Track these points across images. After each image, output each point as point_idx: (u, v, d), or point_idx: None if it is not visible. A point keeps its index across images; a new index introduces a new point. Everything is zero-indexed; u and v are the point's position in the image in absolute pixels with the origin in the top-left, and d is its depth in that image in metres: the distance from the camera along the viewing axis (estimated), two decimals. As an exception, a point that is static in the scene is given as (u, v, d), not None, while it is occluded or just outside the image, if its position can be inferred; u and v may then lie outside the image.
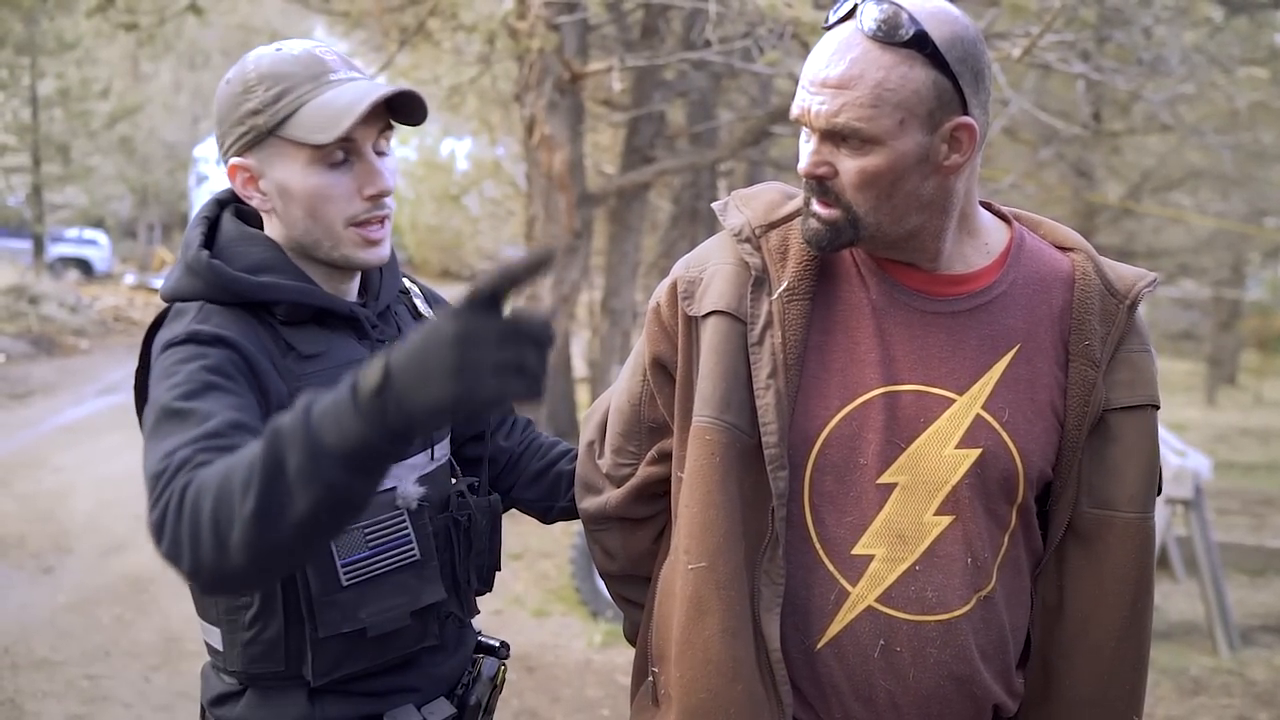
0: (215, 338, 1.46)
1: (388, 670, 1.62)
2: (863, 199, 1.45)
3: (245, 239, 1.60)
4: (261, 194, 1.58)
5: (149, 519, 1.27)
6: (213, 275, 1.53)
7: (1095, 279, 1.55)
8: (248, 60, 1.57)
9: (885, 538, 1.50)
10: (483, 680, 1.73)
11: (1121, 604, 1.55)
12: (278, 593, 1.53)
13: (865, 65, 1.40)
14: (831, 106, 1.41)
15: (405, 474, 1.62)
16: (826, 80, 1.41)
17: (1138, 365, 1.55)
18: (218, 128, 1.59)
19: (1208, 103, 10.98)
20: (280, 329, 1.55)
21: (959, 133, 1.43)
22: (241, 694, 1.59)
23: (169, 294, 1.58)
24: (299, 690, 1.57)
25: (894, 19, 1.39)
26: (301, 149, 1.53)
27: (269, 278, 1.55)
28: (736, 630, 1.49)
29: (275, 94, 1.53)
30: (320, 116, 1.52)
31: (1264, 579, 7.63)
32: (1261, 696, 5.46)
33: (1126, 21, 7.08)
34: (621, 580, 1.77)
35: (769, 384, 1.49)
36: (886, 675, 1.50)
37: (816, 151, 1.45)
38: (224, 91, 1.57)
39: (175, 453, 1.29)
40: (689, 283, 1.58)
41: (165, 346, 1.47)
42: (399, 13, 9.75)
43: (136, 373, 1.58)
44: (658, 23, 8.46)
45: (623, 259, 8.68)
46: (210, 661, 1.65)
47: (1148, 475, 1.55)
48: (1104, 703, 1.57)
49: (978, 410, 1.50)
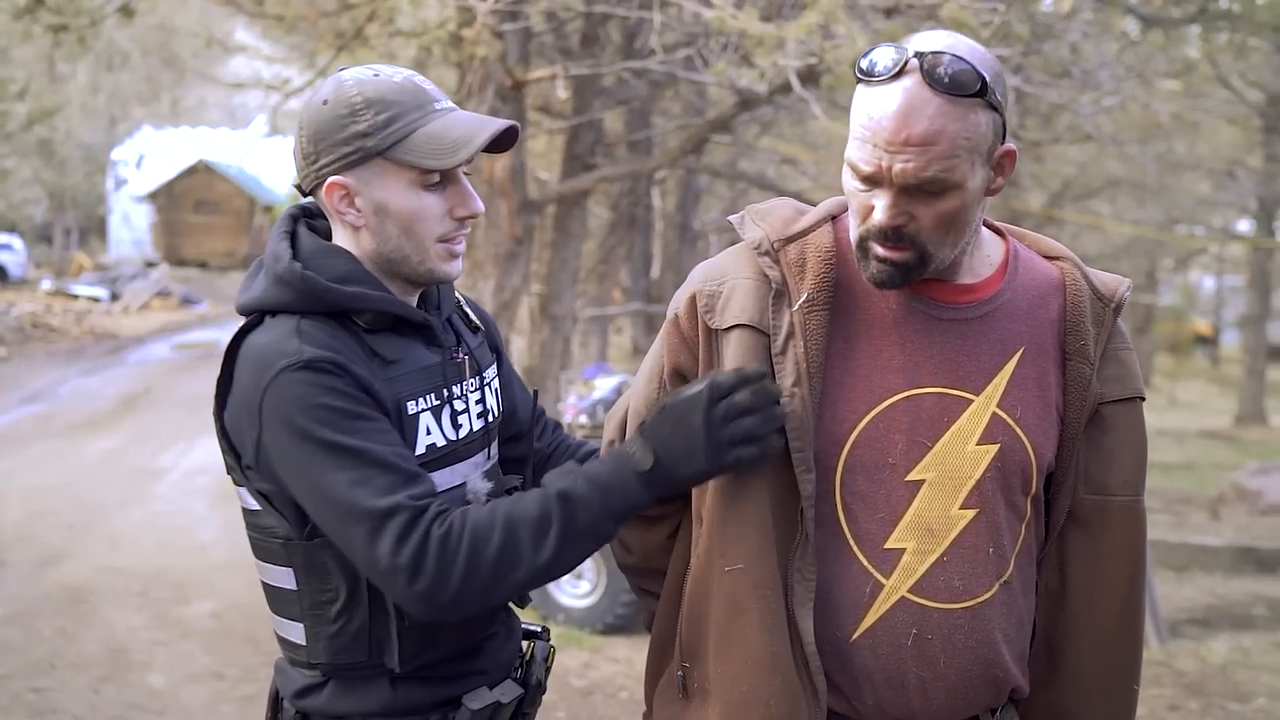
0: (334, 364, 1.56)
1: (460, 656, 1.72)
2: (939, 238, 1.53)
3: (326, 252, 1.68)
4: (356, 210, 1.65)
5: (394, 558, 1.50)
6: (307, 286, 1.61)
7: (1084, 285, 1.67)
8: (345, 82, 1.64)
9: (915, 531, 1.59)
10: (538, 661, 1.85)
11: (1121, 581, 1.67)
12: (364, 587, 1.62)
13: (944, 121, 1.46)
14: (918, 163, 1.47)
15: (471, 471, 1.74)
16: (910, 139, 1.46)
17: (1125, 362, 1.68)
18: (311, 145, 1.64)
19: (1126, 114, 11.35)
20: (364, 336, 1.64)
21: (1004, 159, 1.55)
22: (324, 685, 1.68)
23: (255, 304, 1.65)
24: (381, 678, 1.66)
25: (963, 74, 1.45)
26: (406, 172, 1.63)
27: (356, 288, 1.64)
28: (774, 627, 1.58)
29: (386, 119, 1.61)
30: (435, 144, 1.63)
31: (1188, 574, 7.91)
32: (1190, 686, 5.69)
33: (1055, 36, 7.32)
34: (638, 572, 1.85)
35: (794, 392, 1.57)
36: (918, 662, 1.59)
37: (894, 204, 1.50)
38: (323, 112, 1.63)
39: (393, 494, 1.52)
40: (709, 296, 1.65)
41: (283, 370, 1.55)
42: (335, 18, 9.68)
43: (218, 381, 1.66)
44: (598, 31, 8.52)
45: (563, 265, 8.71)
46: (287, 657, 1.73)
47: (1138, 461, 1.68)
48: (1108, 675, 1.69)
49: (994, 409, 1.60)
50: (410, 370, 1.67)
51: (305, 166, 1.65)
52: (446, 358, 1.73)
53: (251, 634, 5.71)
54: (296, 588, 1.66)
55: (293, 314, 1.61)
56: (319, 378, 1.55)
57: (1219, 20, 10.42)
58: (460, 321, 1.83)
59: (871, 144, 1.49)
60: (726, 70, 6.27)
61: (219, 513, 8.17)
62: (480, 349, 1.83)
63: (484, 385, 1.81)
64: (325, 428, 1.53)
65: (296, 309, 1.61)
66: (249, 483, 1.66)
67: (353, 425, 1.55)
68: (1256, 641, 6.49)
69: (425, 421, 1.68)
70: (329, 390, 1.55)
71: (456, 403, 1.73)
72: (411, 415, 1.66)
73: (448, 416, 1.71)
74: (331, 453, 1.53)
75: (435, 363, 1.71)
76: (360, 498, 1.51)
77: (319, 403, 1.54)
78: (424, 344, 1.71)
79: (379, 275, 1.68)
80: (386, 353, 1.65)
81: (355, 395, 1.57)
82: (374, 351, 1.64)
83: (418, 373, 1.68)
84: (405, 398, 1.65)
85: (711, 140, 8.97)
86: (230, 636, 5.69)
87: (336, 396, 1.55)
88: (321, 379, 1.55)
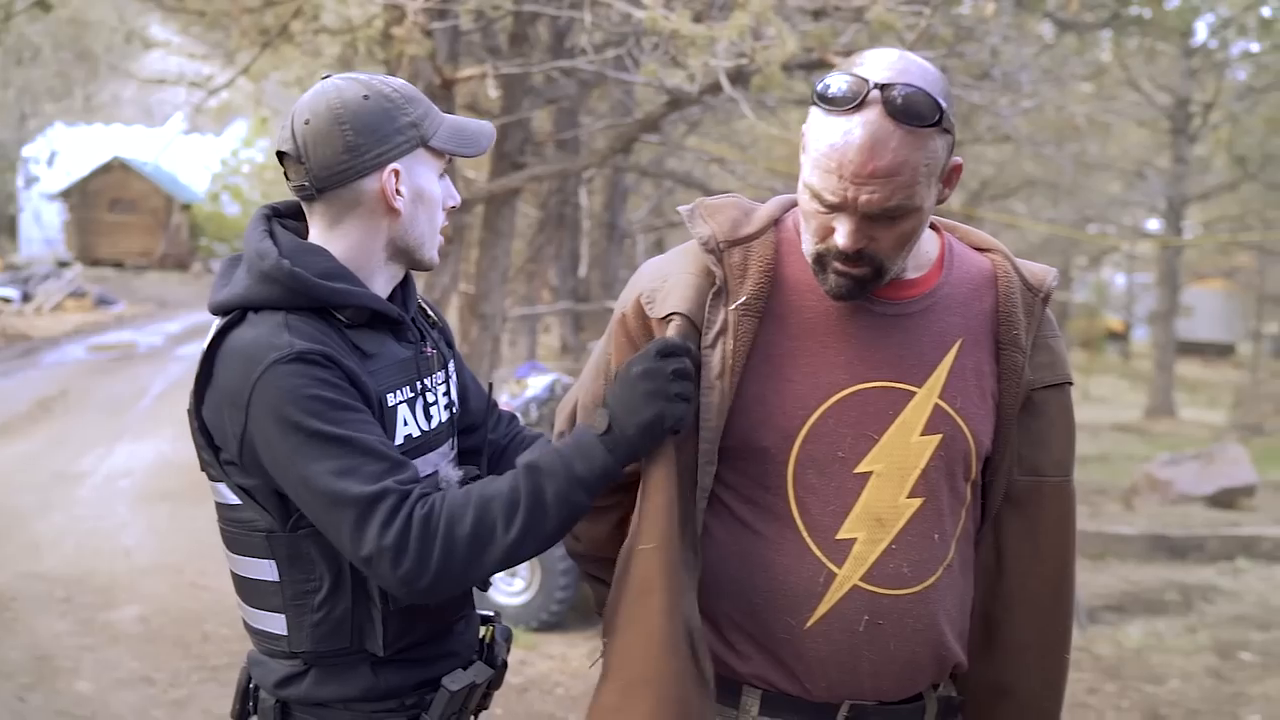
0: (324, 356, 1.60)
1: (434, 639, 1.77)
2: (896, 255, 1.61)
3: (307, 250, 1.71)
4: (401, 197, 1.72)
5: (379, 541, 1.52)
6: (295, 282, 1.64)
7: (1015, 277, 1.75)
8: (374, 82, 1.71)
9: (865, 522, 1.65)
10: (499, 643, 1.89)
11: (1054, 557, 1.77)
12: (347, 576, 1.66)
13: (906, 152, 1.51)
14: (883, 194, 1.52)
15: (440, 460, 1.79)
16: (875, 172, 1.51)
17: (1054, 349, 1.77)
18: (359, 136, 1.67)
19: (1042, 115, 11.63)
20: (346, 331, 1.68)
21: (953, 172, 1.62)
22: (305, 673, 1.71)
23: (238, 301, 1.67)
24: (363, 664, 1.71)
25: (924, 105, 1.50)
26: (437, 161, 1.77)
27: (341, 284, 1.68)
28: (677, 608, 1.63)
29: (423, 111, 1.74)
30: (460, 135, 1.78)
31: (1104, 562, 8.15)
32: (1108, 670, 5.89)
33: (976, 39, 7.49)
34: (587, 560, 1.91)
35: (715, 384, 1.64)
36: (870, 647, 1.66)
37: (857, 230, 1.56)
38: (366, 105, 1.69)
39: (381, 481, 1.56)
40: (652, 292, 1.71)
41: (274, 362, 1.58)
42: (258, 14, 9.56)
43: (197, 378, 1.67)
44: (527, 30, 8.52)
45: (493, 264, 8.68)
46: (264, 648, 1.75)
47: (1068, 443, 1.77)
48: (1043, 646, 1.79)
49: (936, 400, 1.67)
50: (388, 364, 1.72)
51: (348, 159, 1.68)
52: (417, 351, 1.79)
53: (180, 638, 5.64)
54: (278, 579, 1.68)
55: (278, 310, 1.64)
56: (309, 369, 1.58)
57: (1130, 25, 10.73)
58: (423, 319, 1.88)
59: (836, 175, 1.53)
60: (657, 70, 6.32)
61: (142, 516, 8.03)
62: (441, 343, 1.88)
63: (448, 378, 1.87)
64: (314, 418, 1.57)
65: (282, 305, 1.64)
66: (228, 478, 1.68)
67: (341, 415, 1.59)
68: (1169, 626, 6.72)
69: (403, 413, 1.73)
70: (319, 381, 1.58)
71: (428, 394, 1.79)
72: (391, 407, 1.71)
73: (420, 408, 1.77)
74: (320, 442, 1.57)
75: (409, 356, 1.77)
76: (348, 485, 1.55)
77: (309, 393, 1.57)
78: (395, 339, 1.76)
79: (374, 267, 1.74)
80: (366, 347, 1.70)
81: (343, 387, 1.61)
82: (355, 345, 1.68)
83: (394, 366, 1.73)
84: (385, 390, 1.70)
85: (640, 140, 9.01)
86: (158, 641, 5.61)
87: (326, 388, 1.59)
88: (312, 370, 1.59)
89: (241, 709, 1.78)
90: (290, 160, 1.70)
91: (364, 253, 1.74)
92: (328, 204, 1.71)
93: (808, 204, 1.60)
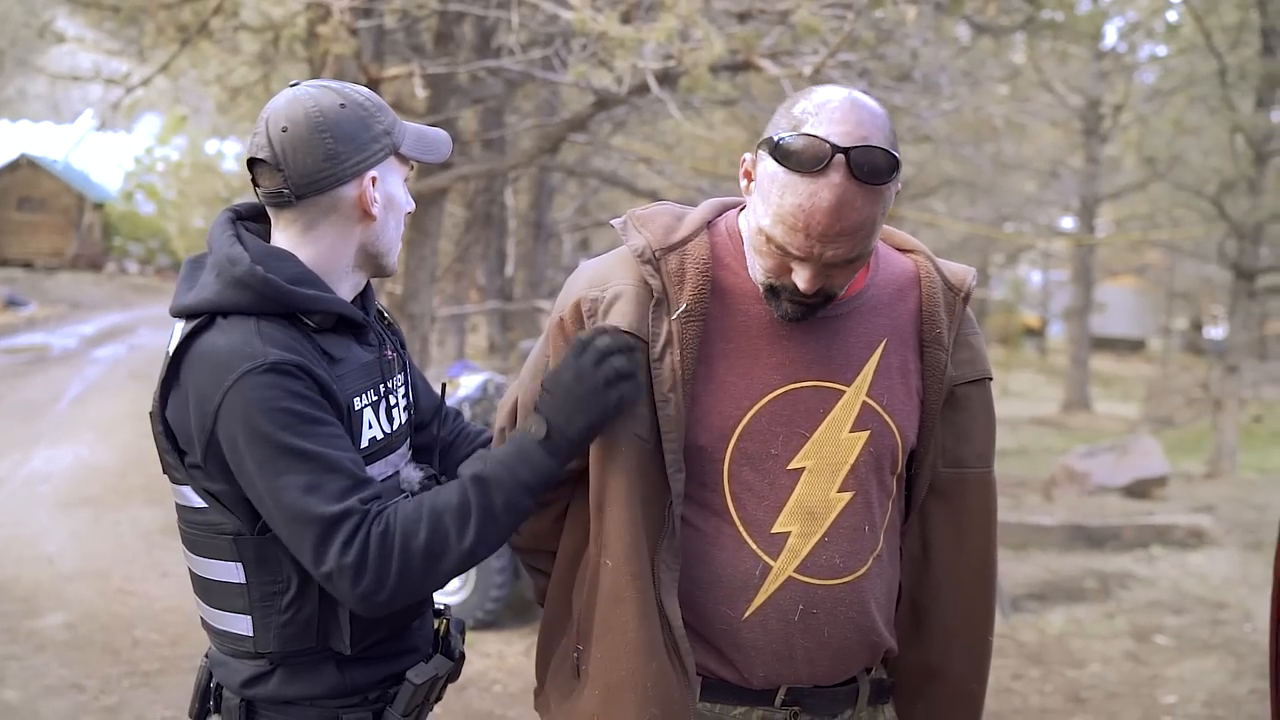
0: (297, 367, 1.61)
1: (395, 635, 1.79)
2: (846, 284, 1.68)
3: (275, 255, 1.72)
4: (375, 203, 1.74)
5: (340, 559, 1.55)
6: (268, 289, 1.64)
7: (937, 277, 1.82)
8: (345, 90, 1.73)
9: (799, 515, 1.72)
10: (454, 634, 1.93)
11: (977, 544, 1.85)
12: (312, 578, 1.66)
13: (870, 208, 1.57)
14: (847, 248, 1.59)
15: (399, 461, 1.81)
16: (842, 231, 1.57)
17: (974, 346, 1.85)
18: (338, 144, 1.69)
19: (960, 116, 11.88)
20: (313, 336, 1.69)
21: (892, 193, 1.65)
22: (272, 673, 1.72)
23: (207, 306, 1.66)
24: (328, 663, 1.73)
25: (882, 164, 1.55)
26: (404, 168, 1.77)
27: (311, 290, 1.69)
28: (649, 614, 1.69)
29: (391, 119, 1.77)
30: (424, 143, 1.81)
31: (1025, 552, 8.36)
32: (1032, 656, 6.06)
33: (896, 42, 7.64)
34: (528, 553, 1.96)
35: (669, 398, 1.69)
36: (805, 635, 1.73)
37: (817, 275, 1.62)
38: (345, 114, 1.71)
39: (345, 500, 1.59)
40: (593, 301, 1.74)
41: (246, 372, 1.58)
42: (176, 10, 9.40)
43: (162, 381, 1.67)
44: (452, 30, 8.50)
45: (420, 264, 8.65)
46: (228, 649, 1.76)
47: (989, 435, 1.86)
48: (968, 629, 1.88)
49: (863, 398, 1.75)
50: (353, 368, 1.74)
51: (328, 166, 1.69)
52: (379, 355, 1.81)
53: (109, 644, 5.55)
54: (244, 581, 1.69)
55: (248, 315, 1.64)
56: (282, 380, 1.59)
57: (1043, 29, 10.98)
58: (380, 322, 1.90)
59: (803, 234, 1.58)
60: (586, 71, 6.36)
61: (63, 523, 7.85)
62: (397, 345, 1.90)
63: (406, 380, 1.89)
64: (285, 431, 1.58)
65: (253, 310, 1.65)
66: (193, 481, 1.68)
67: (311, 430, 1.61)
68: (1089, 612, 6.94)
69: (368, 416, 1.75)
70: (290, 394, 1.60)
71: (390, 397, 1.81)
72: (357, 411, 1.73)
73: (384, 410, 1.79)
74: (288, 456, 1.58)
75: (372, 360, 1.79)
76: (312, 504, 1.57)
77: (281, 406, 1.58)
78: (358, 342, 1.78)
79: (341, 272, 1.77)
80: (333, 351, 1.72)
81: (314, 399, 1.63)
82: (323, 350, 1.70)
83: (359, 370, 1.75)
84: (352, 394, 1.72)
85: (567, 139, 9.04)
86: (87, 648, 5.51)
87: (297, 400, 1.60)
88: (284, 382, 1.59)
89: (201, 708, 1.79)
90: (265, 167, 1.70)
91: (334, 258, 1.75)
92: (302, 210, 1.72)
93: (764, 246, 1.64)
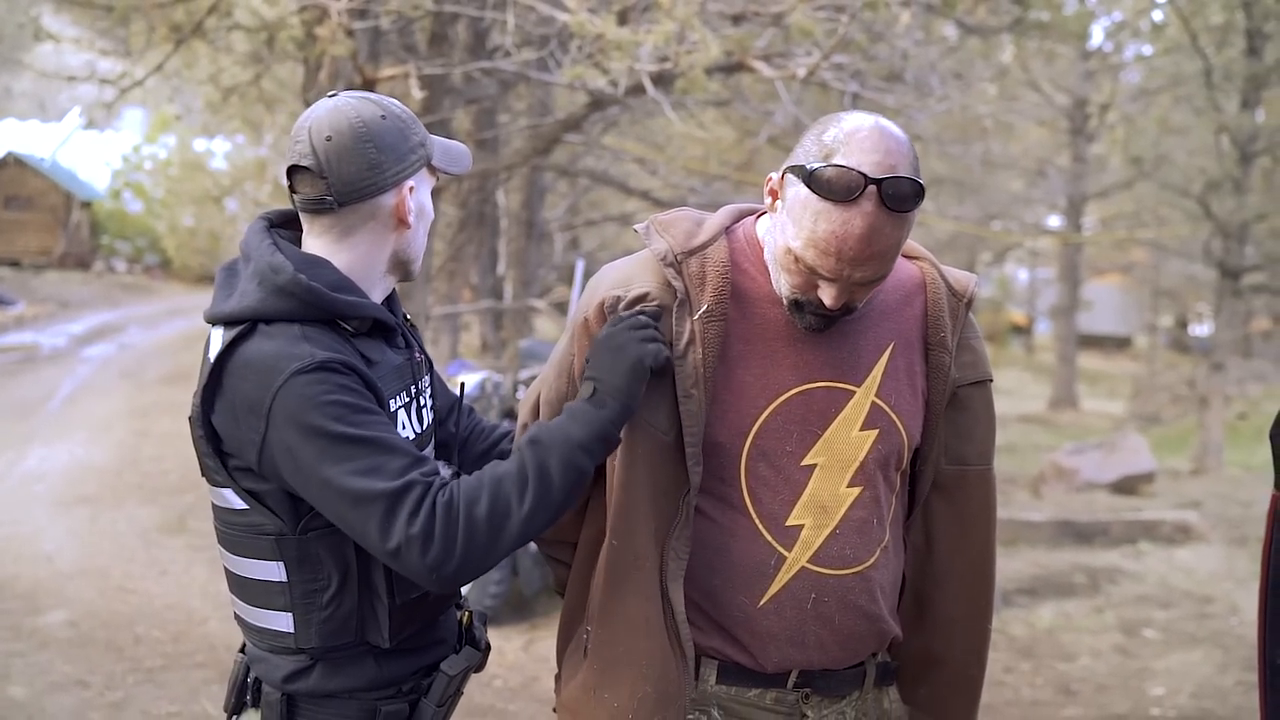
0: (343, 364, 1.67)
1: (426, 628, 1.87)
2: (865, 298, 1.76)
3: (314, 263, 1.77)
4: (410, 211, 1.80)
5: (408, 530, 1.59)
6: (312, 297, 1.71)
7: (941, 283, 1.91)
8: (383, 101, 1.79)
9: (811, 509, 1.81)
10: (478, 626, 2.00)
11: (978, 537, 1.94)
12: (354, 573, 1.75)
13: (898, 234, 1.66)
14: (874, 270, 1.68)
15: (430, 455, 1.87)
16: (872, 256, 1.65)
17: (976, 349, 1.94)
18: (380, 154, 1.75)
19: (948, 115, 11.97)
20: (351, 340, 1.76)
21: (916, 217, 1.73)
22: (312, 668, 1.79)
23: (250, 313, 1.72)
24: (367, 656, 1.80)
25: (910, 192, 1.63)
26: (431, 178, 1.83)
27: (351, 296, 1.76)
28: (650, 595, 1.79)
29: (424, 132, 1.84)
30: (450, 155, 1.89)
31: (1015, 548, 8.45)
32: (1022, 650, 6.16)
33: (888, 43, 7.73)
34: (549, 543, 2.03)
35: (691, 393, 1.77)
36: (817, 622, 1.82)
37: (843, 293, 1.70)
38: (386, 125, 1.77)
39: (406, 474, 1.64)
40: (616, 300, 1.81)
41: (295, 372, 1.64)
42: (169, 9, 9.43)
43: (205, 388, 1.72)
44: (447, 31, 8.56)
45: (415, 263, 8.73)
46: (267, 645, 1.82)
47: (990, 434, 1.95)
48: (968, 618, 1.97)
49: (872, 398, 1.83)
50: (388, 370, 1.80)
51: (370, 175, 1.75)
52: (409, 357, 1.88)
53: (112, 641, 5.60)
54: (285, 580, 1.75)
55: (291, 322, 1.70)
56: (331, 376, 1.66)
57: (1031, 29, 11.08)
58: (406, 326, 1.96)
59: (835, 258, 1.66)
60: (582, 72, 6.43)
61: (61, 521, 7.89)
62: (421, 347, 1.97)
63: (431, 380, 1.96)
64: (338, 422, 1.64)
65: (296, 317, 1.71)
66: (235, 483, 1.74)
67: (361, 418, 1.66)
68: (1078, 607, 7.03)
69: (402, 418, 1.82)
70: (340, 388, 1.66)
71: (420, 398, 1.88)
72: (393, 411, 1.79)
73: (415, 411, 1.86)
74: (345, 444, 1.64)
75: (403, 362, 1.86)
76: (373, 482, 1.62)
77: (332, 399, 1.64)
78: (388, 346, 1.84)
79: (375, 278, 1.83)
80: (370, 355, 1.78)
81: (361, 391, 1.69)
82: (362, 354, 1.76)
83: (392, 372, 1.81)
84: (388, 396, 1.78)
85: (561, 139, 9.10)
86: (90, 645, 5.56)
87: (346, 393, 1.66)
88: (333, 378, 1.66)
89: (237, 702, 1.85)
90: (307, 174, 1.74)
91: (369, 264, 1.81)
92: (341, 217, 1.77)
93: (793, 265, 1.72)
